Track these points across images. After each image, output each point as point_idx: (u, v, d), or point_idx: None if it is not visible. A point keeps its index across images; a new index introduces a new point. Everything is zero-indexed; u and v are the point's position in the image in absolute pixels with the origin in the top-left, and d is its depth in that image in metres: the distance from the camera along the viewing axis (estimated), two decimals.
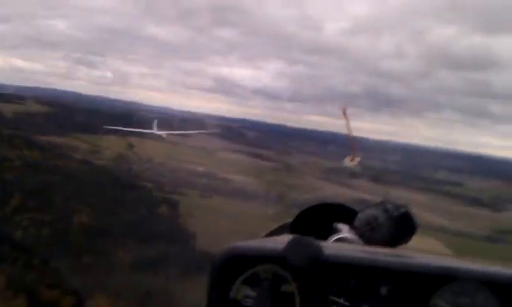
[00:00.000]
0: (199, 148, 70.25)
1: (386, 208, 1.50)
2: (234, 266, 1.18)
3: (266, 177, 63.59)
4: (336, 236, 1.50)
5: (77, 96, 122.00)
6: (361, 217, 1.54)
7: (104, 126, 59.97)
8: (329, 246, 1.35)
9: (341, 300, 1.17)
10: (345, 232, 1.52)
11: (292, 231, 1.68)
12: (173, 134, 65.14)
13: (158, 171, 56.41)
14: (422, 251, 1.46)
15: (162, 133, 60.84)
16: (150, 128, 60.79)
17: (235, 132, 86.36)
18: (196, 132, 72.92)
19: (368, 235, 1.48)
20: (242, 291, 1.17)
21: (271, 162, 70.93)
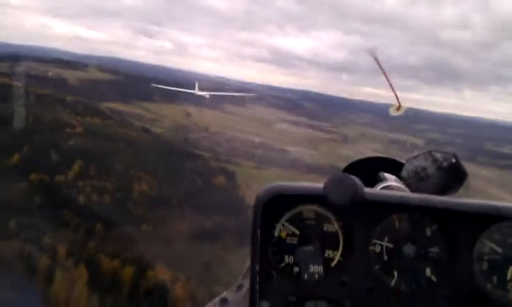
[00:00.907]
0: (256, 119, 68.73)
1: (434, 158, 1.42)
2: (277, 205, 1.19)
3: (323, 149, 61.59)
4: (382, 185, 1.45)
5: (138, 65, 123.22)
6: (408, 167, 1.46)
7: (152, 85, 62.14)
8: (374, 190, 1.35)
9: (384, 242, 1.18)
10: (391, 181, 1.46)
11: None
12: (214, 95, 65.91)
13: (215, 140, 55.44)
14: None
15: (204, 93, 62.06)
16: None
17: (292, 103, 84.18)
18: (237, 94, 74.31)
19: (416, 184, 1.42)
20: (287, 230, 1.20)
21: (328, 134, 68.63)
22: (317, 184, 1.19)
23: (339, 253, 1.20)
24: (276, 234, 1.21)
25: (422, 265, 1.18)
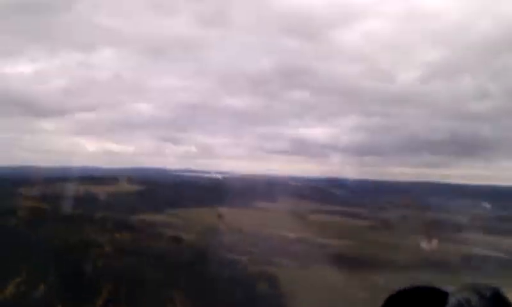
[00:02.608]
0: (289, 212, 64.42)
1: (477, 289, 1.40)
2: None
3: (364, 238, 56.37)
4: None
5: (167, 172, 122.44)
6: (453, 301, 1.42)
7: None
8: None
9: None
10: None
11: None
12: (244, 194, 67.35)
13: (250, 242, 51.00)
14: None
15: (218, 175, 70.02)
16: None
17: (323, 192, 79.95)
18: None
19: None
20: None
21: (366, 221, 63.39)
22: None
23: None
24: None
25: None
